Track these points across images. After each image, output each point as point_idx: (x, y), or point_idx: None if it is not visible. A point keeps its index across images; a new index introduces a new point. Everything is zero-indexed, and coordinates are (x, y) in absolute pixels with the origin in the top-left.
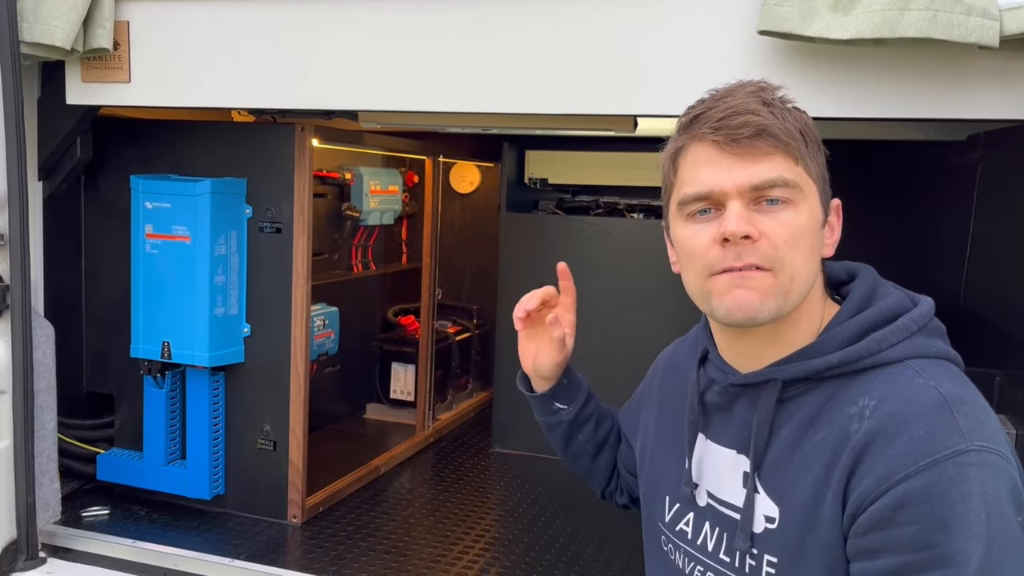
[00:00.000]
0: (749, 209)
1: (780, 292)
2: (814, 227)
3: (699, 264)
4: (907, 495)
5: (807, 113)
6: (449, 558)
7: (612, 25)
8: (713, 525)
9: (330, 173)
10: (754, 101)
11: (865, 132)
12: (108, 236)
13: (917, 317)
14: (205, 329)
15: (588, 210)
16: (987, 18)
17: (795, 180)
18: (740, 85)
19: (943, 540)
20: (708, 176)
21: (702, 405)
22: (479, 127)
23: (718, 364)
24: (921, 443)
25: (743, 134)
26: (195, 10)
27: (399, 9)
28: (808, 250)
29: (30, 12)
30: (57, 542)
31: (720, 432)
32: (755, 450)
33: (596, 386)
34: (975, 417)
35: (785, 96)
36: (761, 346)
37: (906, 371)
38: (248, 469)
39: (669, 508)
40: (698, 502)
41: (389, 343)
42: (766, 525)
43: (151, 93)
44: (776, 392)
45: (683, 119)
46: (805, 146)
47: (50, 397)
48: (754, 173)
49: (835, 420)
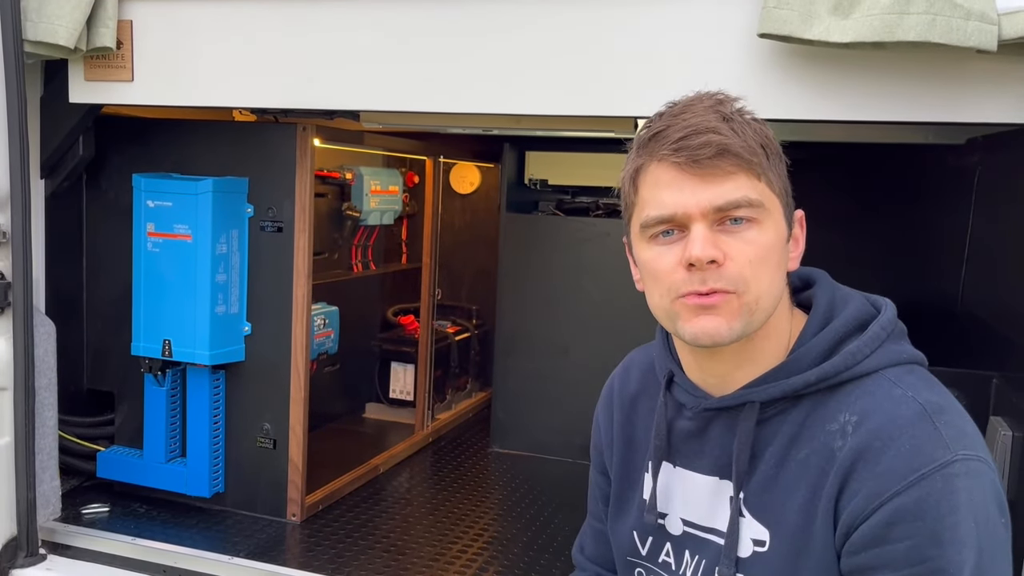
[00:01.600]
0: (713, 230)
1: (745, 313)
2: (779, 244)
3: (664, 286)
4: (898, 511)
5: (766, 124)
6: (448, 557)
7: (613, 26)
8: (693, 553)
9: (331, 173)
10: (713, 117)
11: (864, 135)
12: (110, 234)
13: (885, 324)
14: (206, 327)
15: (588, 211)
16: (986, 22)
17: (759, 199)
18: (698, 98)
19: (937, 554)
20: (670, 198)
21: (669, 432)
22: (480, 128)
23: (686, 387)
24: (908, 458)
25: (704, 154)
26: (198, 10)
27: (401, 10)
28: (774, 268)
29: (34, 11)
30: (57, 539)
31: (694, 459)
32: (737, 473)
33: (594, 387)
34: (955, 425)
35: (744, 108)
36: (732, 366)
37: (883, 383)
38: (248, 467)
39: (641, 542)
40: (671, 531)
41: (389, 343)
42: (755, 549)
43: (154, 92)
44: (755, 414)
45: (641, 136)
46: (767, 160)
47: (51, 394)
48: (717, 194)
49: (817, 437)
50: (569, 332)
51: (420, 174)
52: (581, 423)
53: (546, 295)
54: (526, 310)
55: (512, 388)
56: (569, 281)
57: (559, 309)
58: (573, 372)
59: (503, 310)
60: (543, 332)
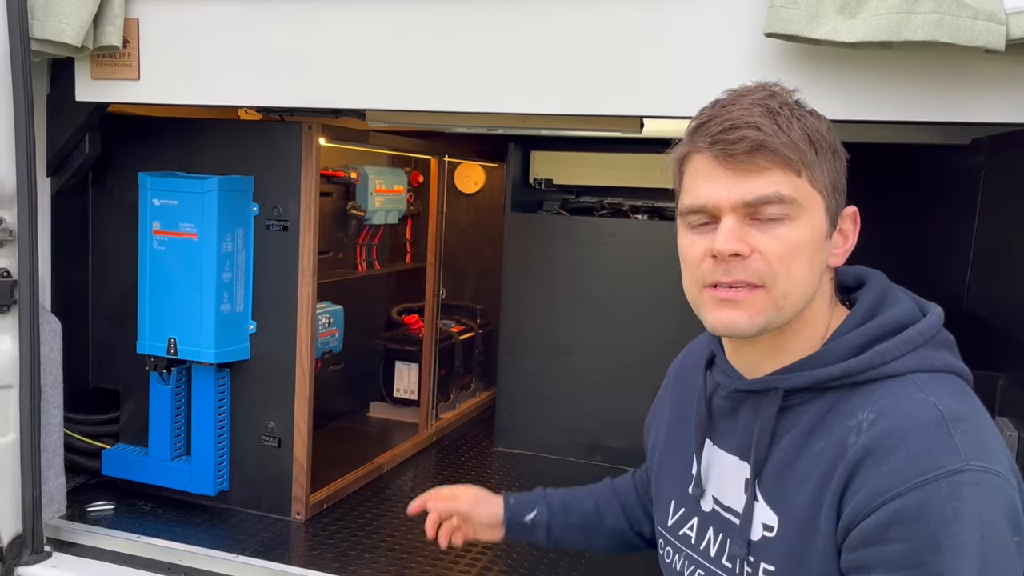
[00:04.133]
0: (744, 224)
1: (772, 308)
2: (814, 241)
3: (693, 273)
4: (898, 512)
5: (824, 118)
6: (452, 556)
7: (619, 25)
8: (717, 530)
9: (336, 172)
10: (759, 111)
11: (869, 135)
12: (115, 232)
13: (924, 329)
14: (211, 326)
15: (592, 211)
16: (994, 22)
17: (792, 195)
18: (749, 90)
19: (934, 559)
20: (704, 189)
21: (709, 409)
22: (485, 127)
23: (724, 368)
24: (915, 460)
25: (739, 149)
26: (204, 9)
27: (407, 8)
28: (806, 265)
29: (41, 9)
30: (62, 536)
31: (725, 438)
32: (755, 458)
33: (602, 387)
34: (973, 435)
35: (800, 100)
36: (762, 354)
37: (908, 386)
38: (252, 465)
39: (673, 513)
40: (703, 507)
41: (393, 342)
42: (764, 533)
43: (160, 90)
44: (778, 401)
45: (690, 125)
46: (815, 155)
47: (56, 392)
48: (748, 189)
49: (834, 431)
50: (573, 332)
51: (425, 173)
52: (585, 422)
53: (550, 295)
54: (530, 310)
55: (516, 387)
56: (573, 281)
57: (563, 309)
58: (577, 372)
59: (507, 309)
60: (547, 331)
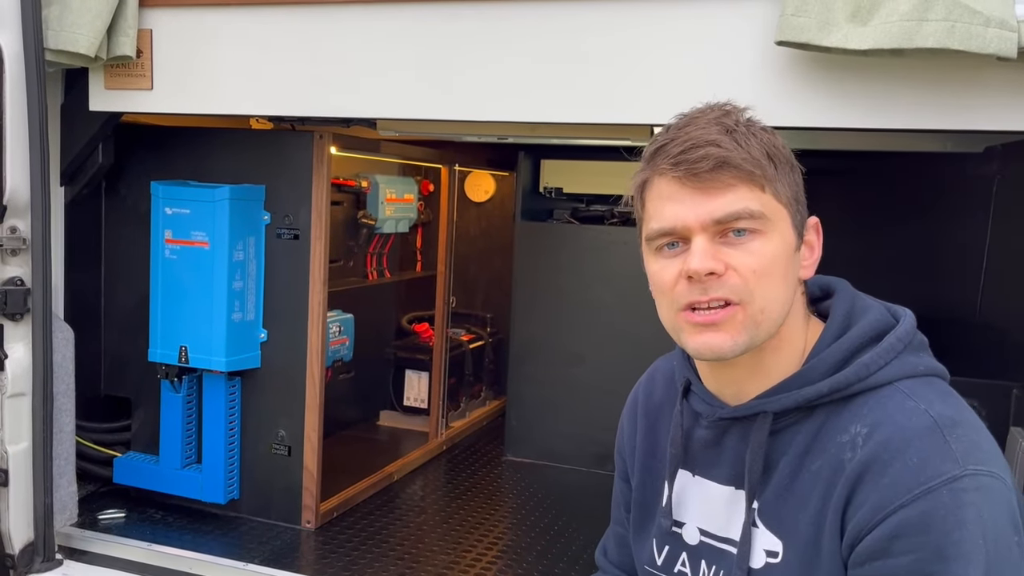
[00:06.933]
0: (715, 242)
1: (751, 325)
2: (785, 254)
3: (668, 298)
4: (902, 524)
5: (775, 134)
6: (462, 565)
7: (629, 34)
8: (710, 563)
9: (346, 181)
10: (716, 130)
11: (882, 144)
12: (128, 241)
13: (902, 335)
14: (222, 334)
15: (603, 219)
16: (1006, 29)
17: (760, 210)
18: (704, 111)
19: (940, 569)
20: (671, 211)
21: (686, 440)
22: (496, 136)
23: (703, 396)
24: (915, 471)
25: (703, 167)
26: (217, 19)
27: (417, 18)
28: (780, 278)
29: (55, 20)
30: (73, 544)
31: (710, 468)
32: (749, 484)
33: (609, 396)
34: (968, 440)
35: (752, 118)
36: (745, 376)
37: (896, 394)
38: (263, 474)
39: (659, 552)
40: (687, 541)
41: (403, 350)
42: (767, 560)
43: (172, 100)
44: (768, 425)
45: (647, 150)
46: (774, 170)
47: (68, 400)
48: (716, 207)
49: (829, 449)
50: (584, 340)
51: (435, 182)
52: (595, 432)
53: (561, 303)
54: (540, 318)
55: (526, 396)
56: (584, 289)
57: (574, 317)
58: (588, 380)
59: (517, 318)
60: (558, 340)
